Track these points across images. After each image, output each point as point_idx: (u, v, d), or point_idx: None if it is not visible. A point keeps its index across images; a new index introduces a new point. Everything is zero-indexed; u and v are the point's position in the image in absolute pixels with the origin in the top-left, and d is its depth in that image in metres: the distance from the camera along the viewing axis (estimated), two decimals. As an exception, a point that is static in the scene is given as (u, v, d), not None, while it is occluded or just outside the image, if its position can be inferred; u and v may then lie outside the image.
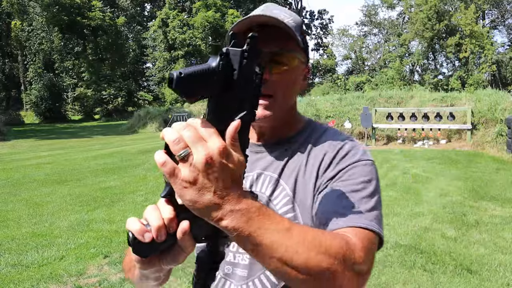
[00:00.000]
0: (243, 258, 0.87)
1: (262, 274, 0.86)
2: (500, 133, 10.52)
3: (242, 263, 0.87)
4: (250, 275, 0.86)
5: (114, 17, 36.96)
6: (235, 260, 0.88)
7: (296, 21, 0.82)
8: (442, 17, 27.70)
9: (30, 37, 35.99)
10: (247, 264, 0.86)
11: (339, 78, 34.00)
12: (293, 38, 0.79)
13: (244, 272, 0.86)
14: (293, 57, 0.82)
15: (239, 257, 0.88)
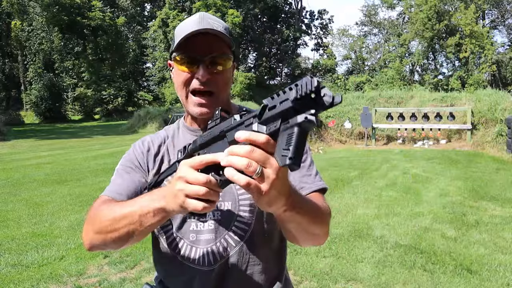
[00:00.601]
0: (209, 224, 1.01)
1: (227, 234, 1.01)
2: (500, 133, 10.52)
3: (207, 229, 1.01)
4: (217, 237, 1.01)
5: (114, 17, 36.94)
6: (198, 228, 1.02)
7: (225, 28, 1.02)
8: (442, 17, 27.69)
9: (30, 37, 35.98)
10: (213, 228, 1.01)
11: (339, 78, 34.01)
12: (227, 43, 1.00)
13: (211, 235, 1.01)
14: (228, 59, 1.01)
15: (201, 225, 1.02)
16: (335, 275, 3.34)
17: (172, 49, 1.02)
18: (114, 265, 3.62)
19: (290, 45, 41.76)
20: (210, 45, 0.97)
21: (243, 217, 1.01)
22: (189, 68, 0.98)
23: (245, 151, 0.63)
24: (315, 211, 0.88)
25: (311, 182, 1.03)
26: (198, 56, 0.97)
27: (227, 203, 1.02)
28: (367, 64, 36.56)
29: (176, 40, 1.00)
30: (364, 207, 5.41)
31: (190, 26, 0.97)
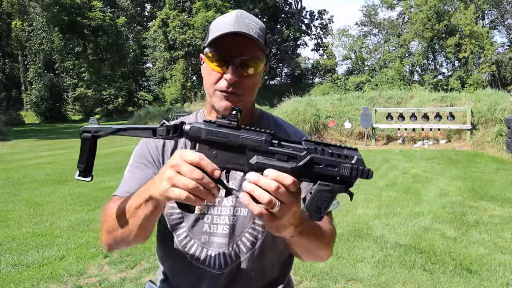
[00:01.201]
0: (223, 228, 1.02)
1: (239, 240, 1.03)
2: (499, 133, 10.53)
3: (221, 232, 1.02)
4: (230, 242, 1.02)
5: (114, 17, 36.94)
6: (211, 230, 1.03)
7: (262, 29, 1.00)
8: (442, 17, 27.69)
9: (31, 37, 35.99)
10: (227, 233, 1.02)
11: (339, 78, 34.02)
12: (260, 46, 0.97)
13: (224, 239, 1.02)
14: (259, 63, 0.99)
15: (214, 227, 1.03)
16: (335, 275, 3.34)
17: (205, 44, 1.02)
18: (114, 265, 3.63)
19: (290, 45, 41.78)
20: (242, 46, 0.96)
21: (258, 224, 1.03)
22: (219, 67, 0.98)
23: (271, 189, 0.68)
24: (322, 237, 0.93)
25: None
26: (229, 57, 0.96)
27: (243, 209, 1.03)
28: (367, 64, 36.55)
29: (210, 36, 1.00)
30: (364, 207, 5.41)
31: (225, 24, 0.97)
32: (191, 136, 0.75)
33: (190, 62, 33.41)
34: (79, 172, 0.84)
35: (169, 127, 0.77)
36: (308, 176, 0.73)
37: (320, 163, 0.72)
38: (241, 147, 0.74)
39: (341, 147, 0.74)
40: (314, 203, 0.73)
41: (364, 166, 0.73)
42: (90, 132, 0.82)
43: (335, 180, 0.73)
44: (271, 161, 0.72)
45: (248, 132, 0.74)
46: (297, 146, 0.74)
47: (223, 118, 0.76)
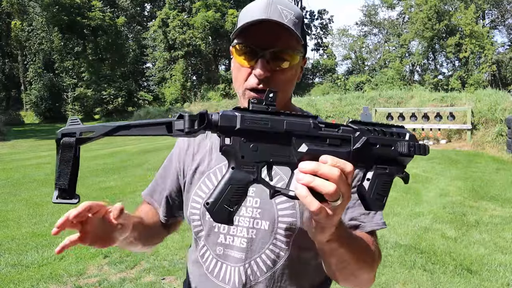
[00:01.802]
0: (241, 241, 0.91)
1: (258, 258, 0.90)
2: (500, 133, 10.52)
3: (238, 246, 0.91)
4: (247, 258, 0.90)
5: (114, 17, 36.92)
6: (227, 242, 0.92)
7: (298, 16, 0.85)
8: (442, 17, 27.68)
9: (30, 37, 35.97)
10: (245, 248, 0.90)
11: (339, 78, 33.99)
12: (295, 36, 0.84)
13: (241, 254, 0.91)
14: (294, 55, 0.86)
15: (230, 239, 0.92)
16: (335, 275, 3.34)
17: (233, 35, 0.89)
18: (114, 265, 3.62)
19: (290, 45, 41.70)
20: (273, 36, 0.82)
21: (279, 240, 0.90)
22: (247, 60, 0.85)
23: (336, 177, 0.58)
24: (362, 251, 0.80)
25: (368, 221, 0.91)
26: (258, 49, 0.83)
27: (264, 222, 0.90)
28: (367, 64, 36.54)
29: (238, 25, 0.87)
30: (364, 207, 5.41)
31: (255, 11, 0.84)
32: (222, 127, 0.60)
33: (190, 62, 33.39)
34: (58, 192, 0.63)
35: (193, 117, 0.59)
36: (363, 160, 0.65)
37: (376, 144, 0.65)
38: (286, 135, 0.62)
39: (388, 125, 0.68)
40: (375, 191, 0.66)
41: (418, 142, 0.68)
42: (73, 135, 0.60)
43: (391, 161, 0.66)
44: (323, 147, 0.63)
45: (290, 117, 0.64)
46: (346, 128, 0.66)
47: (259, 102, 0.63)
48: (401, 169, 0.68)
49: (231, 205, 0.62)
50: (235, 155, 0.61)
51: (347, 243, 0.72)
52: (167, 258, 3.76)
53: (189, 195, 1.00)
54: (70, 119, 0.60)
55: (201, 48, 32.15)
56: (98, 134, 0.60)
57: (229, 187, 0.61)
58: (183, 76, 32.67)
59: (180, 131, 0.59)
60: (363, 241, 0.82)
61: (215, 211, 0.61)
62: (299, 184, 0.59)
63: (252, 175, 0.62)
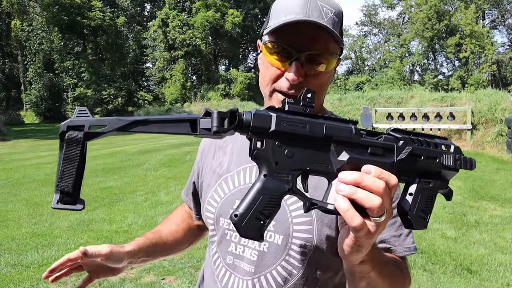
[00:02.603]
0: (251, 253, 0.85)
1: (269, 273, 0.84)
2: (500, 133, 10.52)
3: (248, 258, 0.86)
4: (257, 272, 0.84)
5: (114, 17, 36.93)
6: (237, 252, 0.87)
7: (338, 14, 0.78)
8: (442, 17, 27.68)
9: (30, 37, 35.98)
10: (255, 261, 0.85)
11: (339, 78, 33.99)
12: (335, 38, 0.77)
13: (251, 267, 0.85)
14: (331, 59, 0.80)
15: (240, 249, 0.87)
16: (335, 275, 3.34)
17: (264, 29, 0.82)
18: (114, 265, 3.62)
19: (290, 45, 41.70)
20: (311, 38, 0.75)
21: (293, 257, 0.83)
22: (280, 62, 0.78)
23: (381, 190, 0.53)
24: (394, 277, 0.73)
25: (400, 244, 0.84)
26: (293, 51, 0.76)
27: (278, 236, 0.84)
28: (367, 64, 36.55)
29: (271, 20, 0.79)
30: (364, 207, 5.41)
31: (292, 7, 0.75)
32: (254, 128, 0.53)
33: (190, 62, 33.39)
34: (60, 196, 0.54)
35: (223, 114, 0.51)
36: (406, 172, 0.59)
37: (420, 155, 0.60)
38: (325, 140, 0.56)
39: (431, 136, 0.63)
40: (418, 207, 0.60)
41: (463, 155, 0.63)
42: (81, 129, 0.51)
43: (435, 175, 0.61)
44: (365, 156, 0.57)
45: (330, 121, 0.57)
46: (387, 136, 0.60)
47: (296, 102, 0.56)
48: (445, 184, 0.64)
49: (263, 219, 0.54)
50: (267, 161, 0.54)
51: (379, 266, 0.66)
52: (167, 258, 3.76)
53: (205, 197, 0.97)
54: (78, 109, 0.52)
55: (201, 48, 32.16)
56: (111, 129, 0.51)
57: (261, 197, 0.54)
58: (183, 76, 32.67)
59: (207, 130, 0.52)
60: (395, 265, 0.76)
61: (244, 224, 0.53)
62: (339, 196, 0.53)
63: (287, 184, 0.55)
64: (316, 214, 0.84)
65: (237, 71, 32.40)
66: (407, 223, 0.62)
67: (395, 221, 0.84)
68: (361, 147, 0.57)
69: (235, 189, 0.91)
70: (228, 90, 29.66)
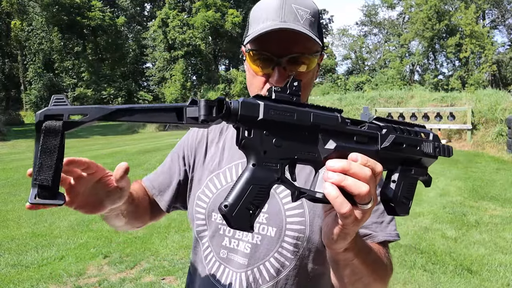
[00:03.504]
0: (245, 246, 0.87)
1: (262, 265, 0.86)
2: (500, 133, 10.52)
3: (242, 251, 0.87)
4: (250, 264, 0.86)
5: (114, 17, 36.93)
6: (231, 246, 0.89)
7: (314, 14, 0.81)
8: (442, 17, 27.68)
9: (30, 37, 35.99)
10: (248, 253, 0.86)
11: (339, 78, 34.00)
12: (312, 39, 0.79)
13: (244, 260, 0.87)
14: (313, 59, 0.82)
15: (235, 243, 0.88)
16: (335, 275, 3.33)
17: (245, 37, 0.84)
18: (114, 265, 3.62)
19: (290, 45, 41.71)
20: (290, 42, 0.78)
21: (286, 249, 0.85)
22: (262, 69, 0.81)
23: (368, 177, 0.54)
24: (376, 264, 0.75)
25: (380, 230, 0.86)
26: (274, 57, 0.79)
27: (271, 228, 0.86)
28: (367, 64, 36.55)
29: (251, 28, 0.83)
30: (364, 207, 5.41)
31: (269, 14, 0.79)
32: (242, 117, 0.52)
33: (190, 62, 33.39)
34: (38, 191, 0.50)
35: (210, 103, 0.50)
36: (389, 160, 0.61)
37: (402, 143, 0.61)
38: (312, 129, 0.56)
39: (411, 124, 0.64)
40: (401, 194, 0.61)
41: (441, 143, 0.64)
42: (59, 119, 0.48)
43: (415, 162, 0.63)
44: (351, 144, 0.58)
45: (316, 109, 0.57)
46: (371, 125, 0.61)
47: (282, 90, 0.55)
48: (425, 171, 0.65)
49: (253, 209, 0.53)
50: (256, 150, 0.53)
51: (362, 254, 0.68)
52: (167, 258, 3.76)
53: (195, 192, 0.97)
54: (55, 97, 0.48)
55: (201, 48, 32.16)
56: (93, 118, 0.49)
57: (250, 187, 0.53)
58: (183, 76, 32.66)
59: (194, 119, 0.50)
60: (376, 252, 0.77)
61: (234, 215, 0.52)
62: (328, 183, 0.54)
63: (276, 173, 0.54)
64: (308, 206, 0.86)
65: (237, 71, 32.40)
66: (391, 209, 0.63)
67: (377, 209, 0.86)
68: (347, 136, 0.58)
69: (227, 184, 0.92)
70: (228, 90, 29.65)
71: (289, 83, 0.56)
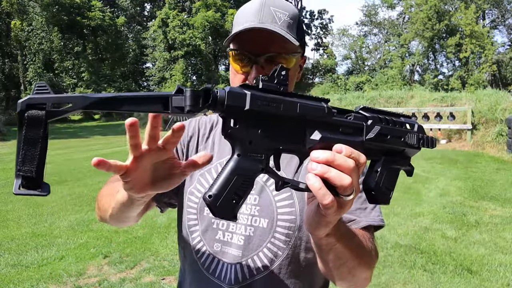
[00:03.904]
0: (238, 239, 0.89)
1: (256, 256, 0.88)
2: (500, 133, 10.52)
3: (236, 243, 0.89)
4: (244, 255, 0.89)
5: (114, 17, 36.94)
6: (225, 239, 0.91)
7: (292, 16, 0.84)
8: (442, 17, 27.68)
9: (30, 37, 35.99)
10: (242, 245, 0.89)
11: (339, 78, 34.00)
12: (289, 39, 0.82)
13: (238, 252, 0.89)
14: (290, 58, 0.85)
15: (228, 236, 0.90)
16: (335, 275, 3.33)
17: (228, 40, 0.89)
18: (114, 265, 3.62)
19: (290, 45, 41.72)
20: (267, 41, 0.82)
21: (278, 238, 0.88)
22: (242, 67, 0.86)
23: (351, 169, 0.55)
24: (359, 248, 0.76)
25: (364, 216, 0.89)
26: (252, 56, 0.83)
27: (263, 220, 0.89)
28: (367, 64, 36.55)
29: (233, 29, 0.88)
30: (364, 207, 5.41)
31: (249, 15, 0.84)
32: (228, 107, 0.51)
33: (190, 62, 33.40)
34: (22, 182, 0.49)
35: (196, 92, 0.49)
36: (373, 150, 0.62)
37: (387, 134, 0.62)
38: (299, 120, 0.56)
39: (397, 114, 0.65)
40: (383, 184, 0.63)
41: (425, 134, 0.65)
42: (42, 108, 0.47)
43: (399, 153, 0.63)
44: (336, 135, 0.58)
45: (303, 99, 0.57)
46: (357, 115, 0.62)
47: (270, 80, 0.54)
48: (407, 161, 0.65)
49: (237, 199, 0.54)
50: (241, 140, 0.53)
51: (345, 238, 0.69)
52: (167, 258, 3.76)
53: (187, 188, 0.98)
54: (37, 84, 0.47)
55: (201, 48, 32.16)
56: (77, 108, 0.47)
57: (235, 178, 0.53)
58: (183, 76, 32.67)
59: (179, 109, 0.49)
60: (360, 237, 0.79)
61: (219, 205, 0.53)
62: (311, 175, 0.54)
63: (261, 164, 0.55)
64: (297, 196, 0.89)
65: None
66: (372, 198, 0.64)
67: (361, 196, 0.88)
68: (333, 126, 0.58)
69: None
70: (228, 90, 29.65)
71: (277, 72, 0.55)
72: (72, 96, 0.47)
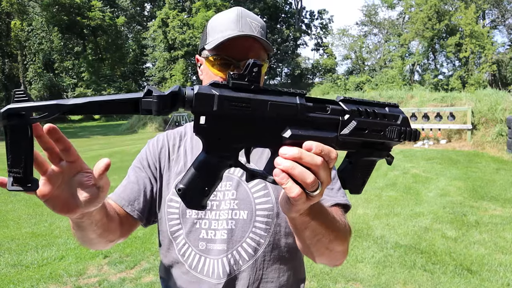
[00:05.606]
0: (221, 234, 0.93)
1: (240, 247, 0.93)
2: (500, 133, 10.52)
3: (219, 239, 0.93)
4: (229, 248, 0.93)
5: (114, 17, 36.94)
6: (209, 237, 0.94)
7: (263, 27, 0.95)
8: (442, 17, 27.68)
9: (30, 37, 36.00)
10: (226, 239, 0.93)
11: (339, 78, 34.00)
12: (264, 46, 0.93)
13: (223, 246, 0.93)
14: (264, 65, 0.94)
15: (212, 234, 0.94)
16: (335, 275, 3.33)
17: (203, 45, 0.96)
18: (114, 265, 3.62)
19: (290, 45, 41.75)
20: (247, 49, 0.91)
21: (258, 228, 0.94)
22: (222, 71, 0.92)
23: (317, 166, 0.56)
24: (333, 224, 0.79)
25: (333, 195, 0.96)
26: (233, 60, 0.91)
27: (242, 212, 0.94)
28: (367, 64, 36.55)
29: (209, 37, 0.94)
30: (364, 207, 5.40)
31: (228, 25, 0.91)
32: (196, 107, 0.52)
33: (190, 62, 33.40)
34: (14, 180, 0.52)
35: (163, 96, 0.50)
36: (349, 144, 0.61)
37: (365, 129, 0.60)
38: (269, 118, 0.56)
39: (382, 104, 0.64)
40: (357, 174, 0.64)
41: (410, 127, 0.64)
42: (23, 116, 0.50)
43: (378, 145, 0.63)
44: (308, 131, 0.58)
45: (276, 96, 0.56)
46: (335, 107, 0.60)
47: (240, 77, 0.54)
48: (386, 152, 0.65)
49: (205, 191, 0.57)
50: (210, 137, 0.55)
51: (319, 216, 0.72)
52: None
53: (165, 196, 1.00)
54: (16, 92, 0.50)
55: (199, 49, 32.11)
56: (51, 116, 0.51)
57: (202, 172, 0.56)
58: (183, 76, 32.67)
59: (147, 111, 0.51)
60: (333, 215, 0.82)
61: (187, 197, 0.57)
62: (277, 170, 0.56)
63: (228, 160, 0.57)
64: (271, 185, 0.95)
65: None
66: (346, 187, 0.66)
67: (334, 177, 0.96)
68: (306, 123, 0.58)
69: None
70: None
71: (249, 69, 0.54)
72: (47, 104, 0.50)
